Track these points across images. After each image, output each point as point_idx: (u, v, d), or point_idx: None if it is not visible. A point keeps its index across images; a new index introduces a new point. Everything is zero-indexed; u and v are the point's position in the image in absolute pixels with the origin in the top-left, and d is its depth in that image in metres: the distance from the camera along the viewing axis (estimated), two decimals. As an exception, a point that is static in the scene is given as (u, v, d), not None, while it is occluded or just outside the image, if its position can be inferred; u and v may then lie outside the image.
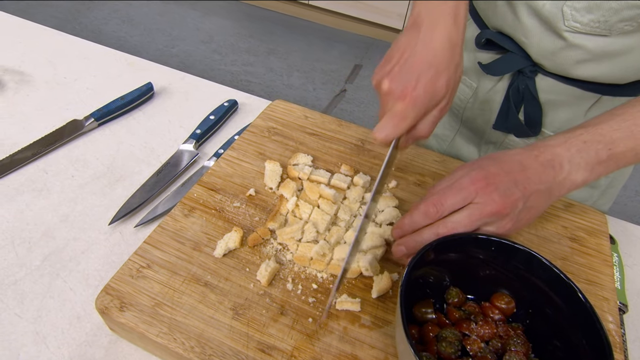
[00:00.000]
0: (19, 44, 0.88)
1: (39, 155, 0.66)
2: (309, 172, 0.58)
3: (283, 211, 0.54)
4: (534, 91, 0.61)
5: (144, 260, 0.48)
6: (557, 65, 0.59)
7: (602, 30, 0.52)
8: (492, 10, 0.62)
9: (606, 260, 0.56)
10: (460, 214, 0.43)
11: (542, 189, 0.44)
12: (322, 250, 0.48)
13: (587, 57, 0.56)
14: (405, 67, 0.45)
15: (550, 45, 0.57)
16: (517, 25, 0.58)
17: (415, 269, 0.40)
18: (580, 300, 0.40)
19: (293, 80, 2.52)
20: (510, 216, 0.44)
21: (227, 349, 0.42)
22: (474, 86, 0.69)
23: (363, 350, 0.43)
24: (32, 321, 0.49)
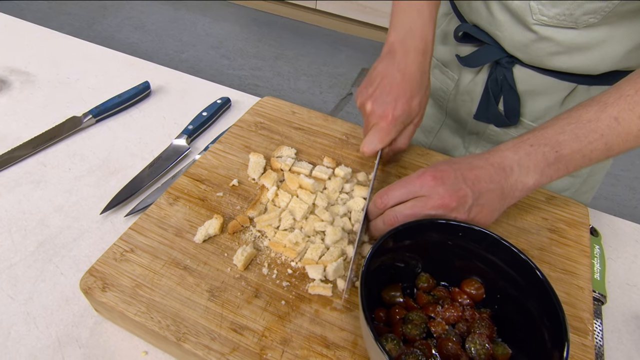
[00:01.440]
0: (26, 47, 0.92)
1: (38, 149, 0.70)
2: (291, 164, 0.60)
3: (263, 200, 0.56)
4: (511, 82, 0.63)
5: (128, 245, 0.50)
6: (531, 57, 0.60)
7: (569, 23, 0.54)
8: (468, 6, 0.64)
9: (584, 251, 0.56)
10: (403, 205, 0.48)
11: (493, 188, 0.47)
12: (295, 239, 0.50)
13: (558, 49, 0.57)
14: (384, 91, 0.56)
15: (522, 38, 0.58)
16: (490, 19, 0.61)
17: (376, 256, 0.42)
18: (537, 277, 0.41)
19: (300, 84, 2.55)
20: (459, 210, 0.46)
21: (201, 328, 0.44)
22: (456, 78, 0.71)
23: (333, 332, 0.45)
24: (23, 303, 0.51)
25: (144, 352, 0.48)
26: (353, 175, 0.61)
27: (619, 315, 0.57)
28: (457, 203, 0.46)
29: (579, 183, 0.73)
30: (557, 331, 0.37)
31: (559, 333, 0.37)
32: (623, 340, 0.54)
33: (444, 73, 0.73)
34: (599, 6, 0.50)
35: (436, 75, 0.75)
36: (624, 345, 0.54)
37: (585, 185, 0.74)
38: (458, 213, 0.47)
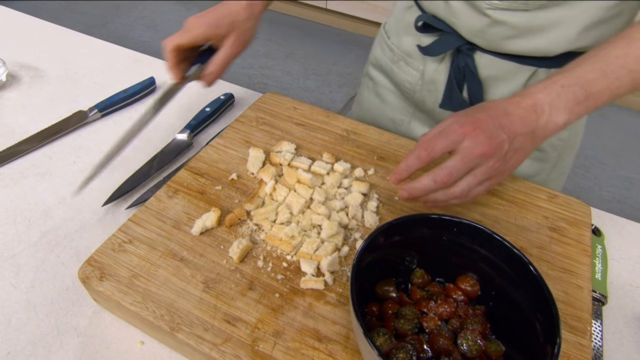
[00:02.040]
0: (37, 43, 0.94)
1: (45, 142, 0.71)
2: (290, 159, 0.60)
3: (261, 194, 0.56)
4: (473, 68, 0.64)
5: (127, 236, 0.51)
6: (489, 42, 0.62)
7: (520, 5, 0.56)
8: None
9: (585, 250, 0.55)
10: (453, 159, 0.46)
11: (527, 132, 0.47)
12: (291, 232, 0.50)
13: (513, 32, 0.59)
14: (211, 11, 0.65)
15: (477, 23, 0.60)
16: (447, 7, 0.63)
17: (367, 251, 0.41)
18: (530, 271, 0.40)
19: (309, 83, 2.56)
20: (497, 156, 0.46)
21: (195, 319, 0.44)
22: (420, 69, 0.72)
23: (326, 325, 0.45)
24: (25, 291, 0.53)
25: (140, 342, 0.49)
26: (351, 171, 0.61)
27: (621, 316, 0.56)
28: (495, 150, 0.45)
29: (549, 169, 0.74)
30: (550, 326, 0.37)
31: (552, 328, 0.37)
32: (624, 341, 0.53)
33: (409, 65, 0.74)
34: None
35: (402, 68, 0.75)
36: (624, 347, 0.53)
37: (555, 170, 0.75)
38: (496, 159, 0.46)
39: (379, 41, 0.82)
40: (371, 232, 0.42)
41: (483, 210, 0.59)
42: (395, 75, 0.77)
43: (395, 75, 0.77)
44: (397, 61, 0.76)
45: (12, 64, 0.86)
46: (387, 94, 0.81)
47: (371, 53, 0.86)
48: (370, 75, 0.85)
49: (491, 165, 0.46)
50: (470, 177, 0.47)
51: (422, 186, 0.47)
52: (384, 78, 0.81)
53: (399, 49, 0.75)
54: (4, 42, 0.93)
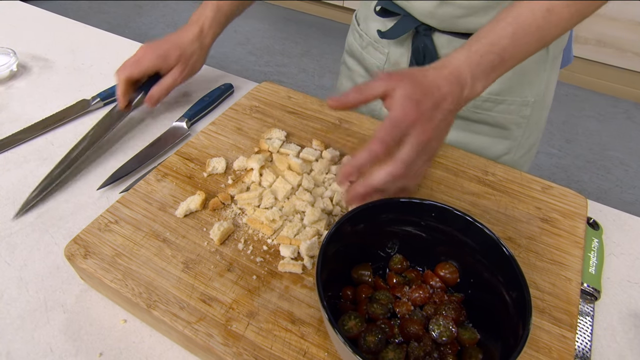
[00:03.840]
0: (48, 35, 0.97)
1: (48, 129, 0.73)
2: (279, 145, 0.60)
3: (246, 179, 0.56)
4: (432, 49, 0.66)
5: (113, 217, 0.52)
6: (442, 22, 0.64)
7: None
8: None
9: (577, 242, 0.53)
10: (404, 149, 0.44)
11: (453, 109, 0.48)
12: (272, 216, 0.50)
13: (463, 11, 0.61)
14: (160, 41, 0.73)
15: (428, 5, 0.62)
16: None
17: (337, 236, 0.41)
18: (504, 253, 0.39)
19: (324, 81, 2.56)
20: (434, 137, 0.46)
21: (172, 297, 0.45)
22: (386, 52, 0.74)
23: (300, 308, 0.45)
24: (18, 269, 0.54)
25: (123, 320, 0.50)
26: (340, 158, 0.61)
27: (615, 312, 0.54)
28: (434, 132, 0.46)
29: (516, 147, 0.76)
30: (522, 308, 0.36)
31: (523, 309, 0.36)
32: (617, 338, 0.51)
33: (376, 49, 0.76)
34: None
35: (370, 52, 0.77)
36: (617, 344, 0.51)
37: (522, 148, 0.77)
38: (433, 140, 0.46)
39: (351, 29, 0.85)
40: (338, 219, 0.42)
41: (473, 200, 0.58)
42: (365, 61, 0.80)
43: (365, 61, 0.80)
44: (365, 46, 0.79)
45: (23, 55, 0.89)
46: (360, 80, 0.84)
47: (345, 41, 0.88)
48: (346, 63, 0.88)
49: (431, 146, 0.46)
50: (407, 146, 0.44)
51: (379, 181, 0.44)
52: (356, 64, 0.84)
53: (366, 34, 0.78)
54: (17, 34, 0.97)
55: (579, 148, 2.21)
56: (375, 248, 0.47)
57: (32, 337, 0.48)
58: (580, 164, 2.14)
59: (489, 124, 0.73)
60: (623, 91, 2.51)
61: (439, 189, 0.58)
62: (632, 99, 2.52)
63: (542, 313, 0.46)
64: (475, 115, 0.72)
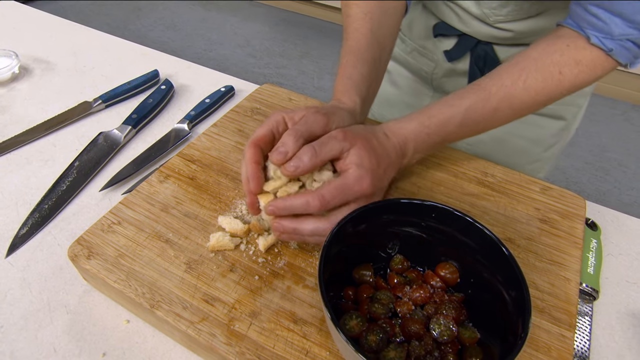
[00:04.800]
0: (50, 38, 0.97)
1: (50, 131, 0.74)
2: None
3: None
4: (493, 56, 0.68)
5: (116, 218, 0.53)
6: (503, 41, 0.67)
7: (523, 15, 0.61)
8: (437, 9, 0.71)
9: (576, 242, 0.54)
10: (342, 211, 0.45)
11: (395, 173, 0.51)
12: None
13: (521, 36, 0.64)
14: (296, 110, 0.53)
15: (489, 32, 0.65)
16: (459, 19, 0.67)
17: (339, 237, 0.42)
18: (502, 252, 0.40)
19: (324, 82, 2.57)
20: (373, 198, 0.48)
21: (175, 297, 0.45)
22: (435, 58, 0.75)
23: (302, 308, 0.45)
24: (21, 269, 0.55)
25: (125, 320, 0.50)
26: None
27: (614, 312, 0.54)
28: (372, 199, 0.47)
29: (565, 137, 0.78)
30: (521, 305, 0.37)
31: (522, 307, 0.36)
32: (615, 337, 0.52)
33: (423, 55, 0.77)
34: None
35: (416, 58, 0.78)
36: (615, 343, 0.51)
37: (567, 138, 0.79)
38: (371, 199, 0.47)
39: None
40: (339, 220, 0.42)
41: (473, 201, 0.58)
42: (411, 65, 0.81)
43: (411, 65, 0.81)
44: (410, 52, 0.79)
45: (25, 58, 0.90)
46: (403, 81, 0.84)
47: None
48: None
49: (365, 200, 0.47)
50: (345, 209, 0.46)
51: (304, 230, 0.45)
52: (399, 66, 0.84)
53: (410, 40, 0.78)
54: (19, 37, 0.97)
55: (578, 150, 2.22)
56: (376, 249, 0.48)
57: (35, 337, 0.48)
58: (579, 165, 2.15)
59: (546, 115, 0.74)
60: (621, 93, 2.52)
61: (439, 190, 0.59)
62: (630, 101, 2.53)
63: (542, 313, 0.47)
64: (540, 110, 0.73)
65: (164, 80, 0.82)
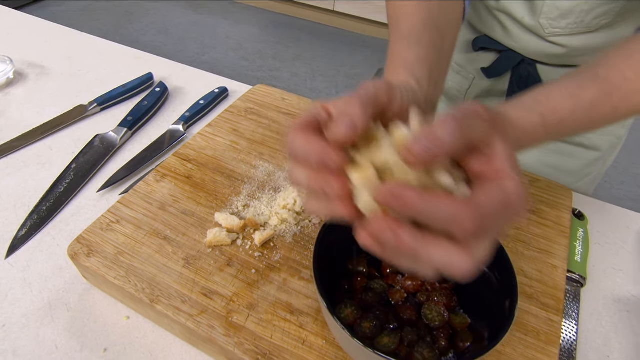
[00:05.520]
0: (44, 43, 0.98)
1: (46, 134, 0.74)
2: None
3: None
4: (536, 76, 0.63)
5: (115, 217, 0.54)
6: (550, 59, 0.62)
7: (582, 29, 0.55)
8: (479, 20, 0.66)
9: (563, 231, 0.56)
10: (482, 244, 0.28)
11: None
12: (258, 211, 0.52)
13: (574, 52, 0.59)
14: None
15: (538, 47, 0.60)
16: (505, 32, 0.62)
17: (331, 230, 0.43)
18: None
19: (317, 84, 2.58)
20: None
21: (174, 292, 0.46)
22: (471, 77, 0.71)
23: (299, 299, 0.46)
24: (21, 269, 0.56)
25: (125, 316, 0.51)
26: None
27: (601, 298, 0.56)
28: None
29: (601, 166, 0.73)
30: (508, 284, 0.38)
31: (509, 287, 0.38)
32: (602, 322, 0.54)
33: (458, 73, 0.72)
34: (609, 8, 0.51)
35: (451, 77, 0.73)
36: (602, 328, 0.53)
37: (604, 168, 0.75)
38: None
39: None
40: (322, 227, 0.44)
41: (463, 194, 0.60)
42: None
43: None
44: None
45: (19, 63, 0.91)
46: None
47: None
48: None
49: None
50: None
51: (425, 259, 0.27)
52: None
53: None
54: (13, 43, 0.98)
55: (568, 146, 2.25)
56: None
57: (37, 335, 0.49)
58: (570, 161, 2.18)
59: (583, 146, 0.70)
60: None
61: (430, 184, 0.60)
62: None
63: (530, 299, 0.48)
64: (572, 139, 0.69)
65: (158, 82, 0.84)
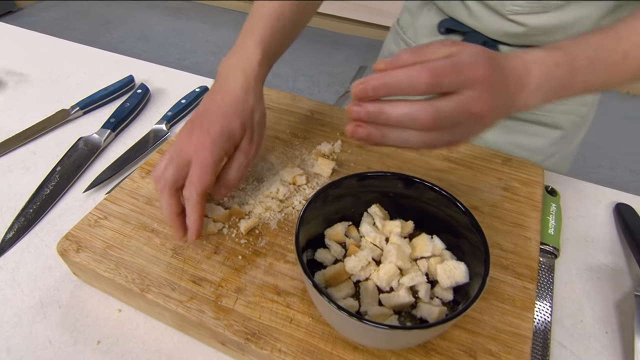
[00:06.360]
0: (21, 51, 0.98)
1: (29, 140, 0.75)
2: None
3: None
4: None
5: (102, 213, 0.55)
6: (512, 40, 0.65)
7: (540, 9, 0.59)
8: (445, 3, 0.69)
9: (535, 206, 0.58)
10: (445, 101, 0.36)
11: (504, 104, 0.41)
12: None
13: (535, 32, 0.62)
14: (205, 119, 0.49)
15: (500, 26, 0.63)
16: (468, 13, 0.65)
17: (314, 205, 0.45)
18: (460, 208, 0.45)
19: (299, 84, 2.60)
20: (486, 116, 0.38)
21: (163, 281, 0.48)
22: None
23: (284, 281, 0.48)
24: (10, 271, 0.56)
25: (117, 310, 0.52)
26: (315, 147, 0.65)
27: (574, 268, 0.59)
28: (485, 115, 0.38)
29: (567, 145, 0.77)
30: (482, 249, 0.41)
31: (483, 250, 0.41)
32: (576, 289, 0.56)
33: None
34: None
35: None
36: (576, 294, 0.56)
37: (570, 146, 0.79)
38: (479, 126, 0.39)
39: (394, 37, 0.85)
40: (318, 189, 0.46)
41: (440, 176, 0.62)
42: None
43: None
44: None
45: (-2, 71, 0.91)
46: None
47: (385, 48, 0.89)
48: None
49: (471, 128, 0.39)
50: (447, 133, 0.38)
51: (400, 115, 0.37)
52: None
53: (415, 43, 0.77)
54: (-9, 52, 0.98)
55: (547, 133, 2.31)
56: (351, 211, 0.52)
57: (30, 332, 0.50)
58: (549, 148, 2.24)
59: (546, 125, 0.73)
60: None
61: (407, 168, 0.63)
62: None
63: (506, 269, 0.51)
64: (534, 117, 0.73)
65: (140, 84, 0.85)
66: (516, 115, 0.71)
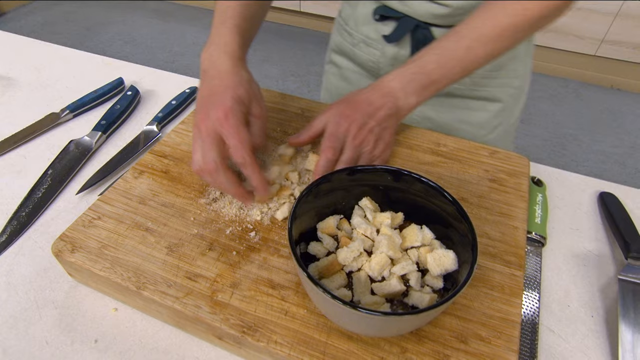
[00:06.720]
0: (7, 55, 0.98)
1: (19, 143, 0.75)
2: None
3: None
4: (431, 38, 0.71)
5: (96, 214, 0.55)
6: (442, 21, 0.69)
7: None
8: None
9: (522, 196, 0.60)
10: (345, 153, 0.57)
11: (390, 113, 0.58)
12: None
13: (460, 11, 0.66)
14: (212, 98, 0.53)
15: (427, 8, 0.68)
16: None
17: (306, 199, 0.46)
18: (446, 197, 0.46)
19: (288, 84, 2.61)
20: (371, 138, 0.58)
21: (159, 278, 0.48)
22: (380, 47, 0.78)
23: (279, 275, 0.49)
24: (5, 274, 0.56)
25: (114, 308, 0.53)
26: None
27: (561, 255, 0.61)
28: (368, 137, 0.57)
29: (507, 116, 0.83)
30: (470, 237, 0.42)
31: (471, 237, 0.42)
32: (563, 276, 0.58)
33: (369, 45, 0.79)
34: None
35: (362, 49, 0.81)
36: (563, 281, 0.57)
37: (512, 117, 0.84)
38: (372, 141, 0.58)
39: (337, 28, 0.88)
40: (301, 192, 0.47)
41: (428, 169, 0.63)
42: (358, 57, 0.83)
43: (358, 57, 0.83)
44: (357, 44, 0.81)
45: (-15, 76, 0.90)
46: (353, 75, 0.87)
47: (331, 40, 0.91)
48: (333, 62, 0.91)
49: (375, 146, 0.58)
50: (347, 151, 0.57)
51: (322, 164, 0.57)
52: (347, 61, 0.87)
53: (357, 32, 0.80)
54: (-23, 57, 0.97)
55: (535, 128, 2.34)
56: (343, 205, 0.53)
57: (26, 333, 0.50)
58: (538, 143, 2.27)
59: (486, 99, 0.80)
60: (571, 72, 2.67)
61: (396, 162, 0.64)
62: (579, 79, 2.68)
63: (494, 257, 0.52)
64: (473, 93, 0.78)
65: (130, 86, 0.85)
66: (454, 92, 0.79)
